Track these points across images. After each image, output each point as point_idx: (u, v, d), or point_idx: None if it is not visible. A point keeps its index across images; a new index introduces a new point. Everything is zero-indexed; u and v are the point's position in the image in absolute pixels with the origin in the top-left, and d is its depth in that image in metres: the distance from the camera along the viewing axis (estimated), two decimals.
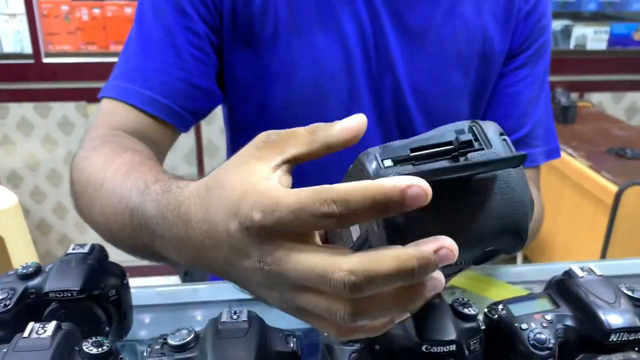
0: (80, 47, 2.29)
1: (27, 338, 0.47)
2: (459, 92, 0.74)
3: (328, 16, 0.69)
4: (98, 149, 0.64)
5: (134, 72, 0.71)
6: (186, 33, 0.69)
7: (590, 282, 0.53)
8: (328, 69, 0.70)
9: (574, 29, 2.51)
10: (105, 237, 0.59)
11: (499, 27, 0.75)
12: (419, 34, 0.71)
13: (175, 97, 0.71)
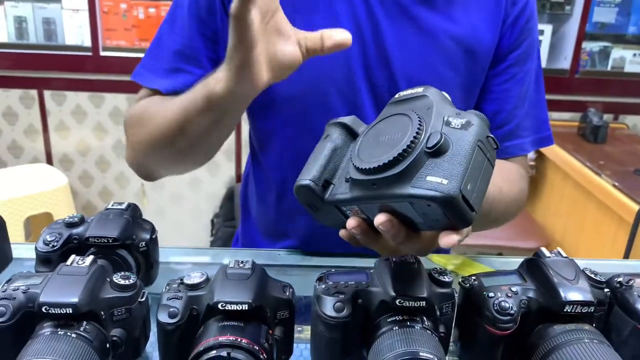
0: (134, 42, 2.44)
1: (69, 266, 0.56)
2: (449, 86, 0.80)
3: (325, 7, 0.78)
4: (142, 107, 0.80)
5: (168, 72, 0.81)
6: (208, 44, 0.80)
7: (555, 262, 0.59)
8: (326, 60, 0.78)
9: (612, 50, 2.52)
10: (155, 141, 0.75)
11: (487, 27, 0.82)
12: (413, 32, 0.79)
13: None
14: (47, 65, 2.43)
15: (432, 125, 0.48)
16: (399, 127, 0.49)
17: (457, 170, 0.45)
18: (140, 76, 0.84)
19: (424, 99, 0.51)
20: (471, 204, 0.46)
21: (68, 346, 0.51)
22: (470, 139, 0.47)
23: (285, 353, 0.60)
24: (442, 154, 0.46)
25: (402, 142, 0.47)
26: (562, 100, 2.51)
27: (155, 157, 0.78)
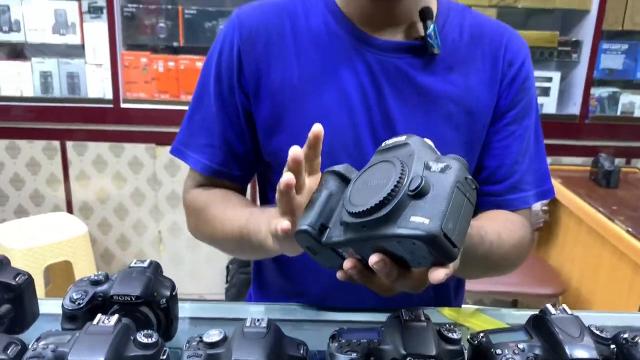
0: (154, 94, 2.53)
1: (96, 325, 0.59)
2: (450, 144, 0.84)
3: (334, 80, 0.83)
4: (199, 198, 0.92)
5: (196, 143, 0.91)
6: (231, 118, 0.88)
7: (561, 319, 0.61)
8: (336, 126, 0.82)
9: (621, 96, 2.56)
10: (215, 243, 0.91)
11: (484, 88, 0.86)
12: (414, 95, 0.83)
13: (224, 164, 0.90)
14: (70, 117, 2.52)
15: (413, 170, 0.52)
16: (384, 173, 0.54)
17: (438, 210, 0.49)
18: (178, 152, 0.93)
19: (407, 146, 0.56)
20: (453, 241, 0.49)
21: None
22: (449, 180, 0.51)
23: None
24: (424, 196, 0.50)
25: (387, 186, 0.52)
26: (573, 145, 2.53)
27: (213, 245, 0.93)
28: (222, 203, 0.87)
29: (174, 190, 2.65)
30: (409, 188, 0.51)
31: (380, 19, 0.84)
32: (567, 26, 2.57)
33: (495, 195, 0.89)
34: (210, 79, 0.88)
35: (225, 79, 0.86)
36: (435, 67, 0.84)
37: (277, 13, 0.87)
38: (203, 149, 0.90)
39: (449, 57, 0.85)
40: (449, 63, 0.85)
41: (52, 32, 2.47)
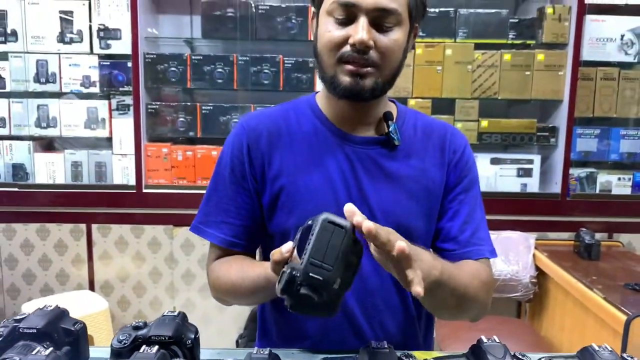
0: (173, 180, 2.80)
1: (142, 352, 0.80)
2: (414, 215, 1.07)
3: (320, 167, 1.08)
4: (222, 267, 1.14)
5: (213, 220, 1.15)
6: (244, 198, 1.12)
7: (491, 346, 0.81)
8: (322, 203, 1.05)
9: (598, 175, 2.79)
10: (237, 297, 1.12)
11: (436, 170, 1.11)
12: (384, 178, 1.07)
13: (237, 236, 1.14)
14: (96, 202, 2.77)
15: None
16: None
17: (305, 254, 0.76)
18: (197, 230, 1.16)
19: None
20: (323, 266, 0.75)
21: None
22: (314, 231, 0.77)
23: None
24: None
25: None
26: (557, 221, 2.73)
27: (236, 304, 1.17)
28: (239, 265, 1.10)
29: (188, 268, 2.85)
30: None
31: (354, 120, 1.10)
32: (544, 114, 2.86)
33: (454, 250, 1.09)
34: (226, 171, 1.13)
35: (238, 169, 1.11)
36: (397, 155, 1.09)
37: (275, 119, 1.14)
38: (220, 225, 1.13)
39: (407, 148, 1.09)
40: (408, 152, 1.09)
41: (84, 127, 2.78)
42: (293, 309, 0.79)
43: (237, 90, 2.76)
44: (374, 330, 1.08)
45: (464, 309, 1.08)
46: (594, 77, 2.71)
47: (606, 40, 2.68)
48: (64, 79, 2.74)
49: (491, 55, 2.70)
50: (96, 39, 2.71)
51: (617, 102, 2.74)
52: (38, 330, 0.90)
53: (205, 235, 1.14)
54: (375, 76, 1.01)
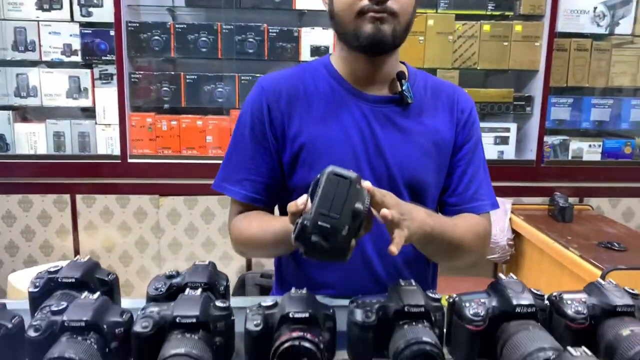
0: (158, 150, 2.80)
1: (187, 294, 0.84)
2: (426, 169, 1.14)
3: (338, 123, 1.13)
4: (244, 221, 1.19)
5: (235, 178, 1.19)
6: (264, 157, 1.17)
7: (509, 282, 0.88)
8: (340, 158, 1.11)
9: (570, 143, 2.91)
10: (258, 249, 1.20)
11: (446, 128, 1.17)
12: (399, 134, 1.13)
13: (258, 193, 1.18)
14: (80, 172, 2.75)
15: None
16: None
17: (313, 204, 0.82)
18: (219, 187, 1.20)
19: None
20: (330, 215, 0.81)
21: (193, 343, 0.77)
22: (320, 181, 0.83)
23: (330, 353, 0.86)
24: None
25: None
26: (531, 187, 2.85)
27: (256, 256, 1.24)
28: (260, 219, 1.14)
29: (175, 237, 2.87)
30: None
31: (369, 79, 1.15)
32: (520, 83, 2.96)
33: (460, 205, 1.17)
34: (246, 130, 1.17)
35: (258, 129, 1.15)
36: (410, 113, 1.15)
37: (292, 80, 1.18)
38: (242, 182, 1.17)
39: (419, 106, 1.15)
40: (419, 110, 1.15)
41: (65, 96, 2.74)
42: (307, 255, 0.85)
43: (221, 59, 2.76)
44: (389, 275, 1.15)
45: (458, 257, 1.17)
46: (568, 48, 2.81)
47: (580, 12, 2.78)
48: (44, 47, 2.68)
49: (471, 26, 2.76)
50: (77, 6, 2.66)
51: (589, 73, 2.86)
52: (76, 279, 0.93)
53: (227, 191, 1.18)
54: (394, 23, 1.06)
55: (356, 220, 0.83)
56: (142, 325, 0.80)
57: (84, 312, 0.80)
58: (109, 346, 0.80)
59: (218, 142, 2.78)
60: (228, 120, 2.77)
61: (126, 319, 0.83)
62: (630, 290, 0.89)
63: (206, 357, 0.76)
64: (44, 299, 0.92)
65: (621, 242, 2.29)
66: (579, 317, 0.85)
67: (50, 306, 0.83)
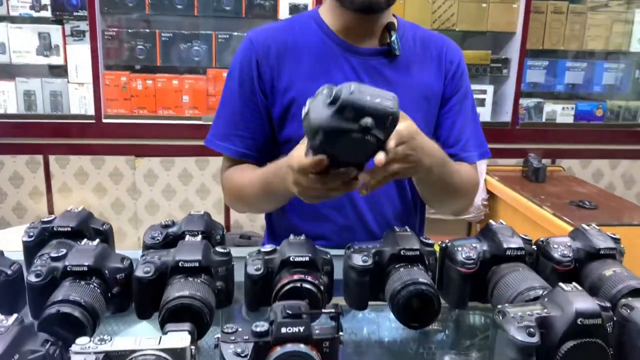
0: (133, 110, 2.75)
1: (187, 241, 0.85)
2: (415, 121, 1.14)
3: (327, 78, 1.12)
4: (235, 173, 1.19)
5: (224, 134, 1.19)
6: (253, 113, 1.17)
7: (499, 227, 0.92)
8: None
9: (545, 105, 2.97)
10: (249, 202, 1.18)
11: (435, 80, 1.19)
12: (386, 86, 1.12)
13: (248, 148, 1.19)
14: (52, 132, 2.70)
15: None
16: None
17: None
18: (211, 143, 1.21)
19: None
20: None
21: (196, 286, 0.79)
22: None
23: (328, 296, 0.89)
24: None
25: None
26: (506, 149, 2.92)
27: (247, 210, 1.25)
28: (249, 170, 1.15)
29: (152, 199, 2.85)
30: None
31: (359, 32, 1.16)
32: (497, 46, 2.99)
33: (450, 155, 1.20)
34: (235, 86, 1.17)
35: (248, 84, 1.15)
36: (398, 65, 1.16)
37: (282, 33, 1.17)
38: (232, 138, 1.18)
39: (407, 58, 1.17)
40: (408, 63, 1.17)
41: (35, 53, 2.66)
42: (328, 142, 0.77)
43: (197, 17, 2.71)
44: (378, 223, 1.18)
45: (454, 200, 1.19)
46: (545, 10, 2.84)
47: None
48: (12, 2, 2.59)
49: None
50: None
51: (564, 36, 2.90)
52: (72, 228, 0.93)
53: (218, 147, 1.19)
54: None
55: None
56: (144, 271, 0.81)
57: (85, 257, 0.80)
58: (111, 291, 0.82)
59: (194, 102, 2.75)
60: (205, 80, 2.74)
61: (126, 265, 0.84)
62: (612, 235, 0.93)
63: (210, 299, 0.78)
64: (38, 248, 0.92)
65: (592, 201, 2.38)
66: (564, 260, 0.89)
67: (48, 253, 0.84)
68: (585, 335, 0.67)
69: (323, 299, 0.81)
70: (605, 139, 3.02)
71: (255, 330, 0.65)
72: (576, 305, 0.68)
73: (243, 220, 2.93)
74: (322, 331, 0.67)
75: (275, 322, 0.66)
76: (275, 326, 0.65)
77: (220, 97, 1.22)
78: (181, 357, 0.63)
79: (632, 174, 3.12)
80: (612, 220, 2.24)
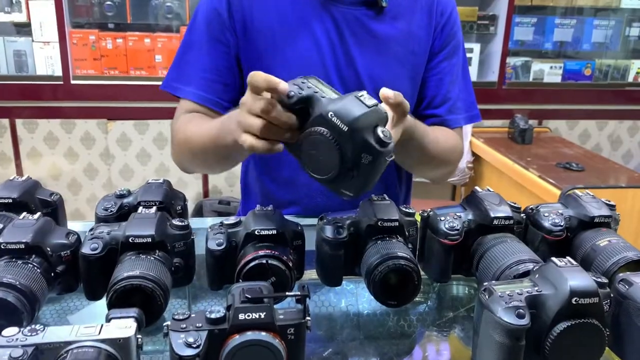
0: (103, 71, 2.61)
1: (140, 213, 0.76)
2: (400, 78, 1.07)
3: (306, 30, 1.03)
4: (186, 121, 1.05)
5: (189, 77, 1.07)
6: (221, 55, 1.05)
7: (486, 194, 0.84)
8: (310, 66, 1.02)
9: (532, 64, 2.88)
10: (194, 152, 1.02)
11: (423, 33, 1.09)
12: (370, 40, 1.04)
13: (216, 93, 1.06)
14: (18, 95, 2.56)
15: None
16: None
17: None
18: (169, 87, 1.09)
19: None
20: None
21: (149, 264, 0.71)
22: None
23: (298, 273, 0.81)
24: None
25: None
26: (492, 109, 2.83)
27: (194, 163, 1.08)
28: (201, 120, 1.03)
29: (126, 163, 2.74)
30: None
31: None
32: (484, 2, 2.87)
33: (435, 117, 1.11)
34: (201, 26, 1.05)
35: (216, 24, 1.04)
36: (384, 17, 1.05)
37: None
38: (197, 81, 1.06)
39: (394, 9, 1.06)
40: (394, 14, 1.06)
41: None
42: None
43: None
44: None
45: (434, 166, 1.11)
46: None
47: None
48: None
49: None
50: None
51: None
52: (14, 200, 0.84)
53: (179, 92, 1.07)
54: None
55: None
56: (91, 247, 0.73)
57: (23, 233, 0.71)
58: (54, 270, 0.73)
59: (168, 62, 2.61)
60: (178, 38, 2.60)
61: (72, 240, 0.75)
62: (607, 201, 0.86)
63: (164, 279, 0.70)
64: None
65: (579, 163, 2.32)
66: (555, 229, 0.82)
67: None
68: (580, 316, 0.61)
69: (292, 277, 0.73)
70: (593, 99, 2.94)
71: (210, 317, 0.57)
72: (571, 282, 0.61)
73: (222, 185, 2.84)
74: (287, 316, 0.59)
75: (232, 307, 0.58)
76: (233, 312, 0.57)
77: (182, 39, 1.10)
78: (124, 348, 0.55)
79: (619, 134, 3.06)
80: (599, 182, 2.19)
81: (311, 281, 0.86)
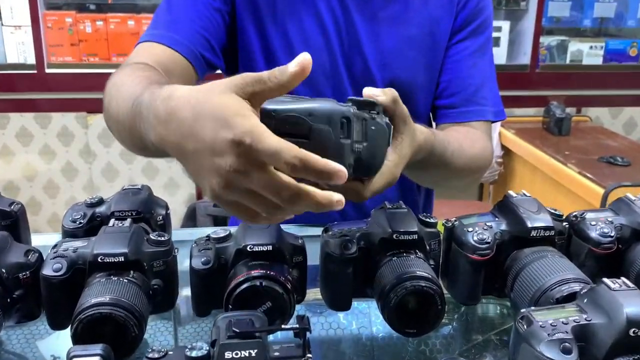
0: (82, 58, 2.59)
1: (112, 227, 0.72)
2: (415, 65, 1.02)
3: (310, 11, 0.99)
4: (126, 71, 0.83)
5: (164, 23, 0.97)
6: (213, 12, 0.97)
7: (521, 200, 0.79)
8: (313, 48, 0.98)
9: (569, 44, 2.82)
10: (118, 132, 0.83)
11: (443, 13, 1.04)
12: (381, 21, 1.00)
13: (196, 43, 0.96)
14: None
15: None
16: None
17: None
18: (152, 36, 0.95)
19: None
20: None
21: (121, 288, 0.66)
22: None
23: (299, 295, 0.77)
24: None
25: None
26: (524, 96, 2.78)
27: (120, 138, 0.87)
28: (145, 79, 0.77)
29: (109, 162, 2.72)
30: None
31: None
32: None
33: (451, 107, 1.06)
34: None
35: None
36: None
37: None
38: (178, 28, 0.95)
39: None
40: None
41: None
42: None
43: None
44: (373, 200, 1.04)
45: (460, 179, 1.06)
46: None
47: None
48: None
49: None
50: None
51: None
52: None
53: (154, 37, 0.95)
54: None
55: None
56: (53, 268, 0.68)
57: None
58: (10, 295, 0.69)
59: None
60: None
61: (33, 259, 0.71)
62: None
63: (140, 305, 0.66)
64: None
65: (624, 156, 2.27)
66: (604, 240, 0.77)
67: None
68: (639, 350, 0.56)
69: (291, 301, 0.69)
70: None
71: (190, 356, 0.53)
72: (627, 309, 0.56)
73: None
74: (283, 353, 0.55)
75: (217, 344, 0.54)
76: (218, 349, 0.53)
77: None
78: None
79: None
80: None
81: (315, 302, 0.83)
